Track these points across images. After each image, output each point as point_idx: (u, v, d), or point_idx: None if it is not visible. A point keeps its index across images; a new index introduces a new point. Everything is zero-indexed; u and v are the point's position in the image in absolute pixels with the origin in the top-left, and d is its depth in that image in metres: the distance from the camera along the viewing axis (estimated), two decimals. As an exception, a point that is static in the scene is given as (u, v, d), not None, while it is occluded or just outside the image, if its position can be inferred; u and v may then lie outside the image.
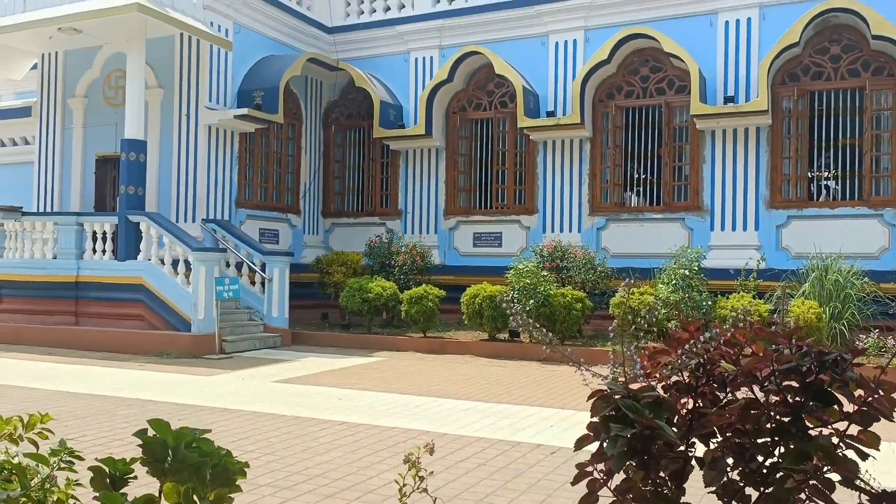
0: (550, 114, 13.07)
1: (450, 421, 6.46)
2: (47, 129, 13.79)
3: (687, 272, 10.45)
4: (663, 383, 1.81)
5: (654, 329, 9.68)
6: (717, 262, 11.69)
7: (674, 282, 10.41)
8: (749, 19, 12.03)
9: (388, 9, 15.04)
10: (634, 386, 1.81)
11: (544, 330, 2.07)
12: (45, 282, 11.63)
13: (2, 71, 13.97)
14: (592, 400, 1.67)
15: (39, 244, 11.85)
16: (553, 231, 13.29)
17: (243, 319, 11.81)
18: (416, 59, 14.67)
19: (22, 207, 12.34)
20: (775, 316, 9.91)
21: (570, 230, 13.18)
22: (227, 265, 12.06)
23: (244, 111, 12.52)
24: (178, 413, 6.48)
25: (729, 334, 1.80)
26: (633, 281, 4.39)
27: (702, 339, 1.63)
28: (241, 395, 7.57)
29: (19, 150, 14.82)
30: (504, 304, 10.96)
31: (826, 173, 12.14)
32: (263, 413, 6.67)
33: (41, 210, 13.60)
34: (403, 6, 14.86)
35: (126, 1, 10.91)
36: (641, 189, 13.24)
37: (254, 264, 12.04)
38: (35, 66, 14.12)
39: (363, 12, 15.28)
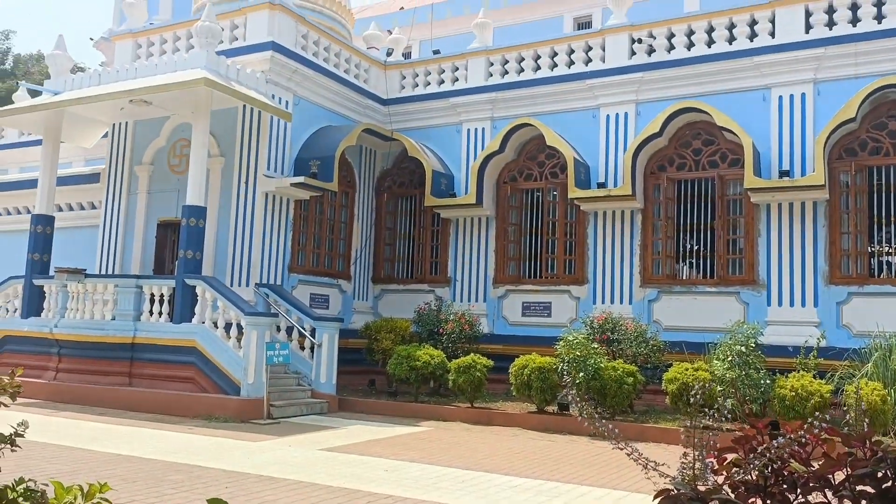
0: (601, 185, 13.11)
1: (500, 498, 6.30)
2: (114, 194, 14.42)
3: (743, 348, 10.15)
4: (731, 482, 1.76)
5: (710, 408, 9.36)
6: (774, 339, 11.36)
7: (730, 358, 10.11)
8: (803, 95, 12.00)
9: (441, 82, 15.49)
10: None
11: (594, 405, 2.04)
12: (102, 342, 11.95)
13: (75, 139, 14.72)
14: (658, 500, 1.62)
15: (100, 305, 12.23)
16: (603, 302, 13.14)
17: (292, 384, 11.88)
18: (469, 129, 14.98)
19: (85, 270, 12.81)
20: (838, 397, 9.50)
21: (621, 302, 13.02)
22: (278, 329, 12.22)
23: (300, 179, 12.89)
24: (225, 480, 6.49)
25: (799, 433, 1.74)
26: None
27: (774, 444, 1.58)
28: (287, 464, 7.55)
29: (86, 214, 15.47)
30: (555, 377, 10.80)
31: (887, 249, 11.80)
32: (309, 483, 6.63)
33: (103, 272, 14.10)
34: (457, 79, 15.28)
35: (194, 75, 11.49)
36: (694, 261, 13.06)
37: (304, 329, 12.17)
38: (106, 135, 14.85)
39: (417, 85, 15.76)
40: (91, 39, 26.35)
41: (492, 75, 14.88)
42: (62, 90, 13.40)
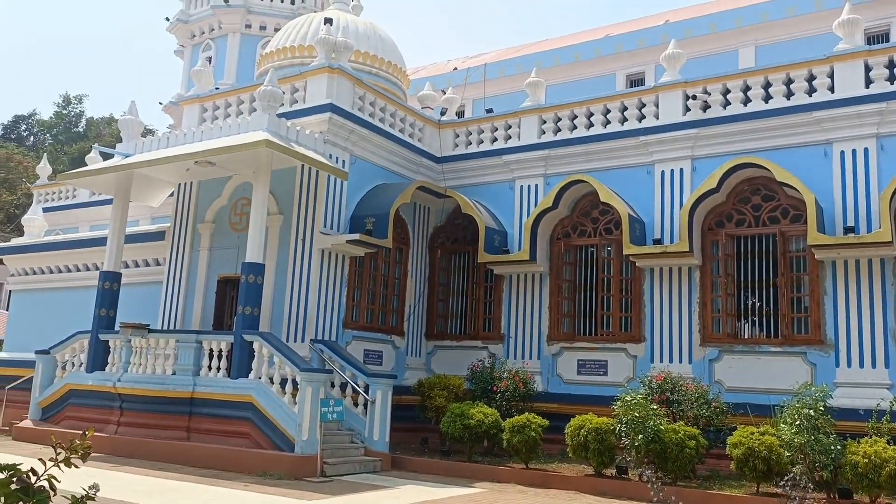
0: (657, 241, 12.94)
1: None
2: (177, 251, 14.89)
3: (812, 412, 9.69)
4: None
5: (779, 475, 8.95)
6: (844, 402, 10.85)
7: (798, 422, 9.66)
8: (866, 149, 11.72)
9: (494, 140, 15.67)
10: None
11: (654, 470, 1.96)
12: (163, 397, 12.18)
13: (143, 199, 15.33)
14: None
15: (161, 360, 12.50)
16: (661, 361, 12.81)
17: (345, 442, 11.83)
18: (522, 186, 15.04)
19: (149, 325, 13.16)
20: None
21: (680, 361, 12.67)
22: (332, 386, 12.25)
23: (356, 236, 13.09)
24: (280, 542, 6.43)
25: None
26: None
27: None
28: (341, 525, 7.45)
29: (151, 270, 15.98)
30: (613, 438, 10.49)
31: (964, 307, 11.24)
32: (363, 547, 6.52)
33: (166, 327, 14.46)
34: (510, 137, 15.45)
35: (256, 137, 11.91)
36: (757, 320, 12.66)
37: (357, 386, 12.17)
38: (171, 195, 15.42)
39: (471, 143, 15.98)
40: (160, 104, 27.70)
41: (544, 133, 14.99)
42: (133, 153, 14.04)
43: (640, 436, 10.07)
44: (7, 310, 23.53)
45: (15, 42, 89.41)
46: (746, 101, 12.94)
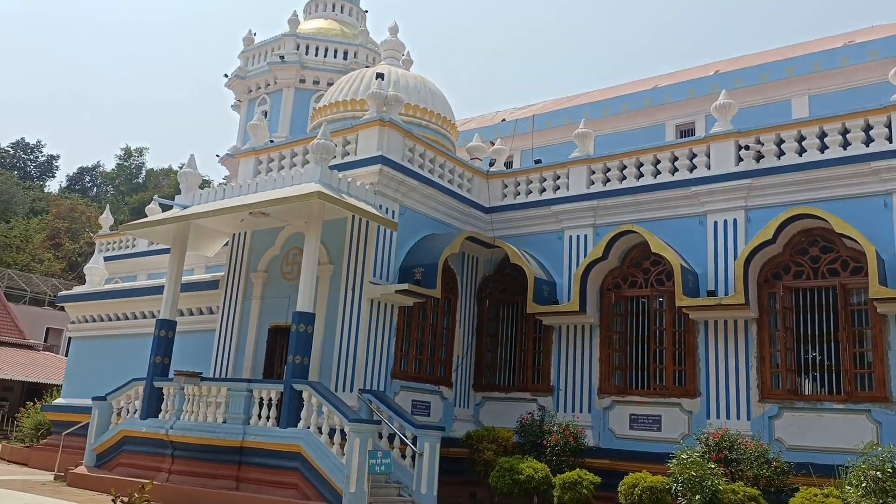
0: (711, 293, 12.66)
1: None
2: (230, 300, 15.18)
3: (879, 473, 9.24)
4: None
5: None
6: (915, 464, 10.27)
7: (864, 484, 9.22)
8: (929, 199, 11.36)
9: (543, 190, 15.70)
10: None
11: None
12: (213, 445, 12.26)
13: (199, 249, 15.75)
14: None
15: (213, 408, 12.64)
16: (718, 417, 12.40)
17: (392, 495, 11.68)
18: (571, 236, 14.97)
19: (202, 373, 13.36)
20: None
21: (738, 417, 12.24)
22: (380, 437, 12.18)
23: (405, 286, 13.16)
24: None
25: None
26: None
27: None
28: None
29: (205, 318, 16.29)
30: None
31: None
32: None
33: (217, 375, 14.66)
34: (558, 188, 15.46)
35: (309, 189, 12.17)
36: (818, 375, 12.19)
37: (405, 437, 12.07)
38: (226, 245, 15.80)
39: (519, 193, 16.03)
40: (217, 156, 28.63)
41: (593, 183, 14.96)
42: (190, 204, 14.47)
43: (698, 496, 9.71)
44: (66, 356, 24.22)
45: (83, 97, 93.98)
46: (801, 151, 12.73)
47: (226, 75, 28.88)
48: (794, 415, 11.80)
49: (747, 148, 13.12)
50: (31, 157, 65.72)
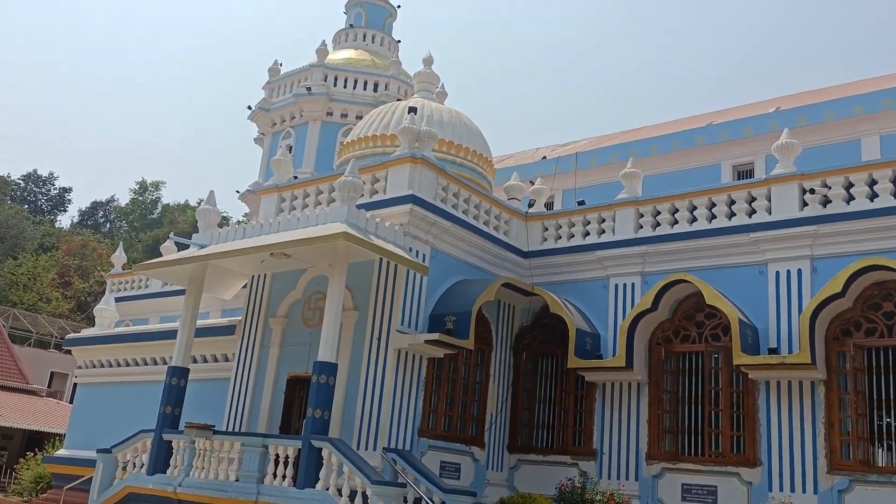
0: (773, 351, 12.42)
1: None
2: (247, 347, 15.29)
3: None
4: None
5: None
6: None
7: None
8: None
9: (587, 234, 15.66)
10: None
11: None
12: (224, 505, 12.24)
13: (216, 291, 15.96)
14: None
15: (225, 464, 12.64)
16: (781, 490, 12.05)
17: (417, 566, 11.50)
18: (617, 285, 14.87)
19: (214, 426, 13.40)
20: None
21: (804, 490, 11.88)
22: (405, 501, 12.02)
23: (435, 336, 13.13)
24: None
25: None
26: None
27: None
28: None
29: (219, 366, 16.40)
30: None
31: None
32: None
33: (231, 427, 14.69)
34: (604, 231, 15.42)
35: (334, 230, 12.31)
36: (894, 444, 11.80)
37: (433, 502, 11.90)
38: (245, 286, 15.99)
39: (561, 237, 16.02)
40: (237, 192, 29.18)
41: (642, 227, 14.90)
42: (208, 243, 14.73)
43: (759, 579, 9.38)
44: (71, 403, 24.51)
45: (98, 127, 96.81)
46: (873, 196, 12.55)
47: (249, 107, 29.63)
48: (868, 489, 11.40)
49: (812, 192, 12.98)
50: (43, 189, 67.61)
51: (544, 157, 25.03)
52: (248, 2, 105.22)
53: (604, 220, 15.50)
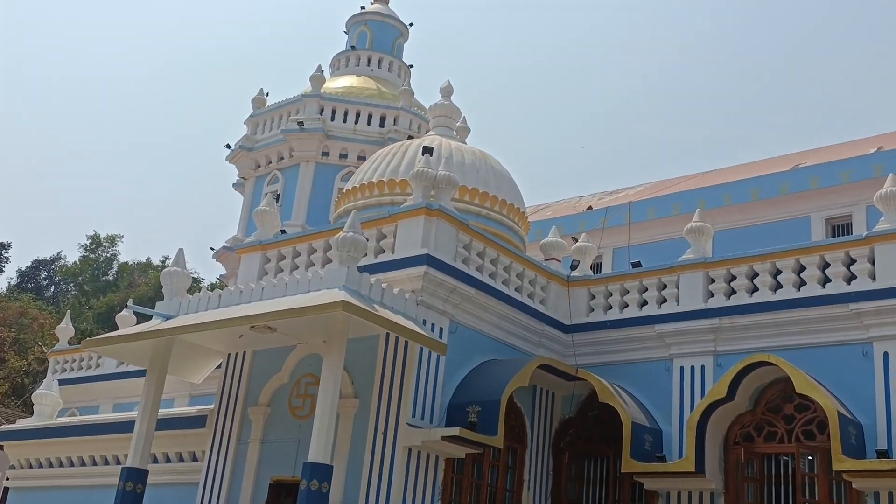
0: (883, 454, 12.20)
1: None
2: (220, 443, 15.23)
3: None
4: None
5: None
6: None
7: None
8: None
9: (643, 303, 15.63)
10: None
11: None
12: None
13: (184, 373, 16.01)
14: None
15: None
16: None
17: None
18: (682, 367, 14.81)
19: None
20: None
21: None
22: None
23: (455, 431, 13.04)
24: None
25: None
26: None
27: None
28: None
29: (185, 467, 16.26)
30: None
31: None
32: None
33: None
34: (665, 300, 15.39)
35: (331, 298, 12.37)
36: None
37: None
38: (219, 367, 16.02)
39: (611, 307, 16.00)
40: (211, 250, 29.51)
41: (713, 295, 14.86)
42: (175, 313, 14.83)
43: None
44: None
45: (43, 171, 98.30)
46: None
47: (228, 146, 30.17)
48: None
49: (928, 252, 12.93)
50: (-27, 246, 68.41)
51: (590, 208, 25.18)
52: (225, 17, 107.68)
53: (665, 287, 15.48)
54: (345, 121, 28.13)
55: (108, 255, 68.50)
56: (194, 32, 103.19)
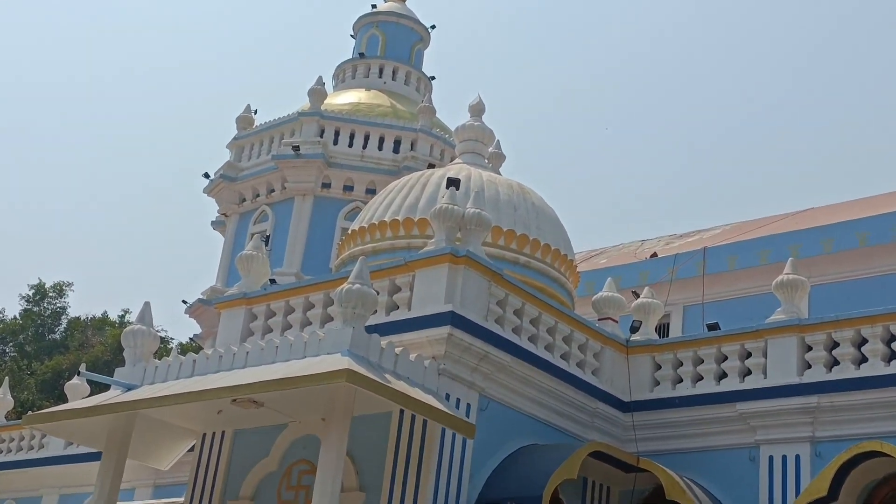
0: None
1: None
2: (191, 546, 15.18)
3: None
4: None
5: None
6: None
7: None
8: None
9: (723, 376, 15.58)
10: None
11: None
12: None
13: (146, 457, 15.97)
14: None
15: None
16: None
17: None
18: (771, 457, 14.77)
19: None
20: None
21: None
22: None
23: (486, 535, 12.99)
24: None
25: None
26: None
27: None
28: None
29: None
30: None
31: None
32: None
33: None
34: (749, 372, 15.35)
35: (332, 365, 12.32)
36: None
37: None
38: (191, 449, 15.99)
39: (681, 380, 15.94)
40: (184, 303, 29.52)
41: (810, 367, 14.82)
42: (138, 383, 14.83)
43: None
44: None
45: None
46: None
47: (206, 175, 30.28)
48: None
49: None
50: None
51: (654, 255, 25.10)
52: (205, 18, 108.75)
53: (749, 355, 15.42)
54: (350, 145, 28.16)
55: (56, 307, 68.51)
56: (164, 36, 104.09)
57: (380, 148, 28.17)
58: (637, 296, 18.08)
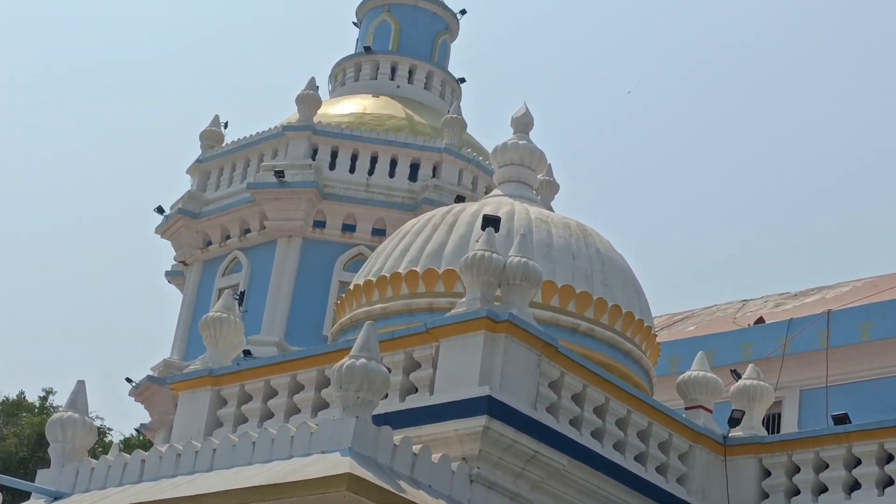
0: None
1: None
2: None
3: None
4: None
5: None
6: None
7: None
8: None
9: (854, 485, 15.56)
10: None
11: None
12: None
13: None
14: None
15: None
16: None
17: None
18: None
19: None
20: None
21: None
22: None
23: None
24: None
25: None
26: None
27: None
28: None
29: None
30: None
31: None
32: None
33: None
34: (891, 481, 15.28)
35: (328, 469, 12.36)
36: None
37: None
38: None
39: (798, 491, 16.08)
40: (129, 382, 29.52)
41: None
42: (68, 490, 14.90)
43: None
44: None
45: None
46: None
47: (160, 209, 30.34)
48: None
49: None
50: None
51: (760, 321, 25.09)
52: (166, 9, 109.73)
53: (891, 459, 15.36)
54: (352, 170, 28.11)
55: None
56: (103, 21, 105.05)
57: (391, 174, 28.04)
58: (738, 376, 18.06)
